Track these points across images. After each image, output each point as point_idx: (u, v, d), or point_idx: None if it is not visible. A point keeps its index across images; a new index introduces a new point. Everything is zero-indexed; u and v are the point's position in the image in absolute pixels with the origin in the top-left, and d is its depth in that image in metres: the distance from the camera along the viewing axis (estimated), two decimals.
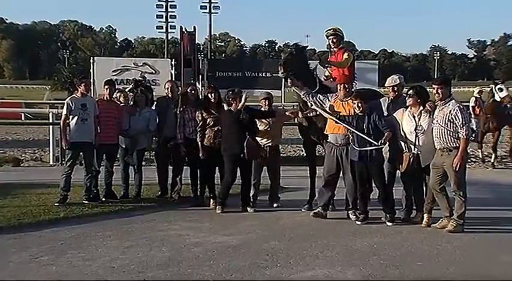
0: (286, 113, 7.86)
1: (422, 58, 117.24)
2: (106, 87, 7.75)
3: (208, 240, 5.77)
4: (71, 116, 7.33)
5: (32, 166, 11.76)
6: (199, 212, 7.13)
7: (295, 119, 7.47)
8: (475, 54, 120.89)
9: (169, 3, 47.14)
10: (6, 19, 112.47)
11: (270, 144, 7.40)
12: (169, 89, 7.94)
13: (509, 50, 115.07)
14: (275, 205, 7.46)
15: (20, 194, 7.82)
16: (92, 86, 20.46)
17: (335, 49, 7.42)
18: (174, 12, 47.77)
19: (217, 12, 48.22)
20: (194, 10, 49.32)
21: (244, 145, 6.93)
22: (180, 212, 7.10)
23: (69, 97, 7.69)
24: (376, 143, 6.21)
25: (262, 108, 7.49)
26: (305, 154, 7.77)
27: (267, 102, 7.44)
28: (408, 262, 5.07)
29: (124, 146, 7.81)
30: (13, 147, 14.88)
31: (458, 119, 5.87)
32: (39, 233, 6.01)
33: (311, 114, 6.95)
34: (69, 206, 7.12)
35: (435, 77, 33.85)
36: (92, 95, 16.16)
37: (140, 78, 15.04)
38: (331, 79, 7.32)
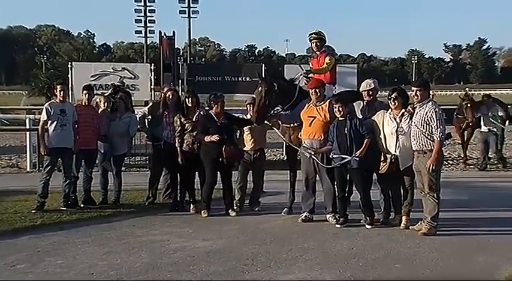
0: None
1: (400, 62, 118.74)
2: (85, 92, 7.68)
3: (188, 245, 5.75)
4: (49, 122, 7.25)
5: (8, 173, 11.56)
6: (179, 217, 7.09)
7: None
8: (451, 58, 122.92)
9: (148, 8, 46.84)
10: None
11: (254, 148, 7.43)
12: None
13: (484, 54, 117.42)
14: (256, 209, 7.47)
15: None
16: (70, 91, 20.19)
17: (317, 52, 7.51)
18: (153, 17, 47.52)
19: (196, 17, 48.18)
20: (173, 15, 49.02)
21: (222, 149, 6.94)
22: (159, 218, 7.05)
23: (48, 103, 7.60)
24: (350, 155, 6.29)
25: (249, 115, 7.46)
26: (286, 158, 7.80)
27: (251, 107, 7.33)
28: (387, 264, 5.13)
29: (103, 152, 7.75)
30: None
31: (433, 121, 5.91)
32: (15, 240, 5.92)
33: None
34: (47, 213, 7.02)
35: (413, 80, 34.44)
36: (71, 101, 15.99)
37: (119, 84, 14.87)
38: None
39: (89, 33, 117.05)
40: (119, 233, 6.26)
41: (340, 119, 6.43)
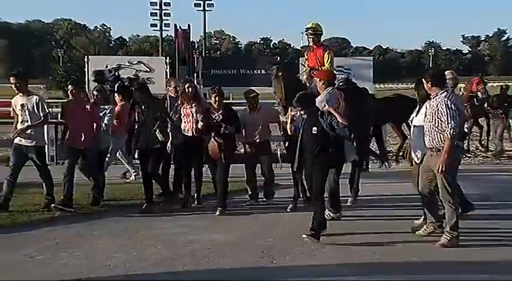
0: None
1: (417, 54, 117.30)
2: (69, 88, 7.20)
3: (203, 238, 5.79)
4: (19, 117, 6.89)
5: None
6: (193, 210, 7.14)
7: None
8: (470, 49, 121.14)
9: (163, 1, 46.93)
10: (0, 18, 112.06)
11: (258, 140, 7.36)
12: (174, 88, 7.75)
13: (503, 45, 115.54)
14: (268, 201, 7.44)
15: (14, 194, 7.76)
16: (86, 84, 20.34)
17: (314, 46, 7.55)
18: (168, 10, 47.57)
19: (211, 10, 48.09)
20: (188, 8, 49.07)
21: (208, 145, 6.95)
22: (174, 211, 7.08)
23: (14, 97, 7.09)
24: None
25: (248, 106, 7.48)
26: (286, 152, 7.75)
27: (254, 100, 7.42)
28: (402, 258, 5.11)
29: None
30: (7, 146, 14.76)
31: (443, 114, 5.33)
32: (34, 232, 6.01)
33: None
34: None
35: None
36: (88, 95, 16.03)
37: (133, 77, 14.97)
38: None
39: (105, 27, 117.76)
40: (134, 226, 6.32)
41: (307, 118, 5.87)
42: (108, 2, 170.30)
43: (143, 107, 7.13)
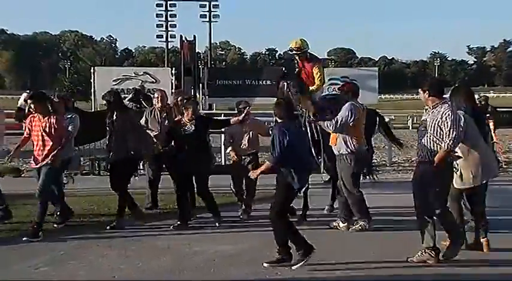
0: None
1: (422, 65, 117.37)
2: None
3: (208, 249, 5.77)
4: None
5: (32, 177, 11.72)
6: (197, 221, 7.11)
7: None
8: (475, 60, 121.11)
9: (169, 13, 47.22)
10: (7, 30, 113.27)
11: (247, 152, 7.29)
12: (158, 99, 7.59)
13: (509, 56, 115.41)
14: (241, 216, 7.20)
15: (20, 205, 7.79)
16: (93, 96, 20.46)
17: (305, 64, 7.44)
18: (174, 21, 47.85)
19: (216, 21, 48.37)
20: (194, 19, 49.07)
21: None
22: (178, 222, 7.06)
23: None
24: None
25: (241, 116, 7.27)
26: None
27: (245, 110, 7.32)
28: (412, 268, 5.08)
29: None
30: (14, 157, 14.81)
31: (447, 125, 5.02)
32: (39, 243, 6.00)
33: None
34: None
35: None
36: (93, 105, 16.13)
37: (139, 88, 15.05)
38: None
39: (111, 38, 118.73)
40: (139, 237, 6.31)
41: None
42: (115, 13, 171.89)
43: (114, 118, 6.94)
